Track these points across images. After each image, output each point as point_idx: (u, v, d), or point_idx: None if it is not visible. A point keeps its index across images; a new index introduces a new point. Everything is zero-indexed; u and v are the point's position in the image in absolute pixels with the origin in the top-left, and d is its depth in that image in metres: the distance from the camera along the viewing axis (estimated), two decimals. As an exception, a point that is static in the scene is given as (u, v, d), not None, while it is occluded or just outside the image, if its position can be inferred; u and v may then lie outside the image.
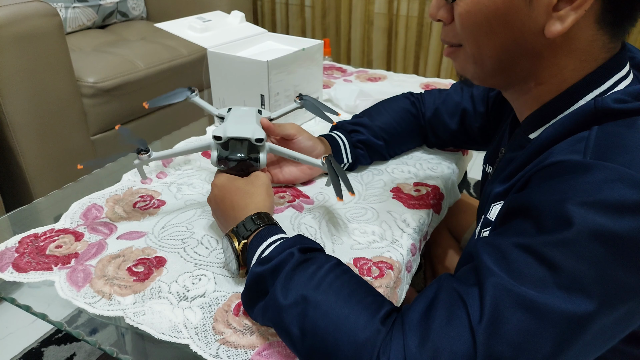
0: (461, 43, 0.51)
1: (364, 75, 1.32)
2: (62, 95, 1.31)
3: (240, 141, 0.65)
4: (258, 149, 0.66)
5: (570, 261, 0.38)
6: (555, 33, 0.45)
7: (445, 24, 0.52)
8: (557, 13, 0.44)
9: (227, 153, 0.64)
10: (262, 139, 0.65)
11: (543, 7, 0.44)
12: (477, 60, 0.50)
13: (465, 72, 0.54)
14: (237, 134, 0.64)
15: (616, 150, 0.41)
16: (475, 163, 1.95)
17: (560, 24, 0.44)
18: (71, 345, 1.16)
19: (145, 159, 0.65)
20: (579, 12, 0.43)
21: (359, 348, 0.42)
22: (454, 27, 0.50)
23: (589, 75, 0.48)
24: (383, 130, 0.83)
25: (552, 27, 0.44)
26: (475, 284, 0.41)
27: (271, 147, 0.68)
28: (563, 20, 0.44)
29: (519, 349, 0.38)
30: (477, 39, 0.48)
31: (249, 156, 0.64)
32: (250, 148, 0.65)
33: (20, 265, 0.61)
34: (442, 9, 0.51)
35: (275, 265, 0.49)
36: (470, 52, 0.50)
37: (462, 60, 0.53)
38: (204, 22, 1.05)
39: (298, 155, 0.69)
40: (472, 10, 0.47)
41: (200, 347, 0.50)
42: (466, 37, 0.49)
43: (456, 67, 0.55)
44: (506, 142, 0.62)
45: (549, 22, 0.45)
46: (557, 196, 0.40)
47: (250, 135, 0.64)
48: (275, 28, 2.59)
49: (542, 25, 0.45)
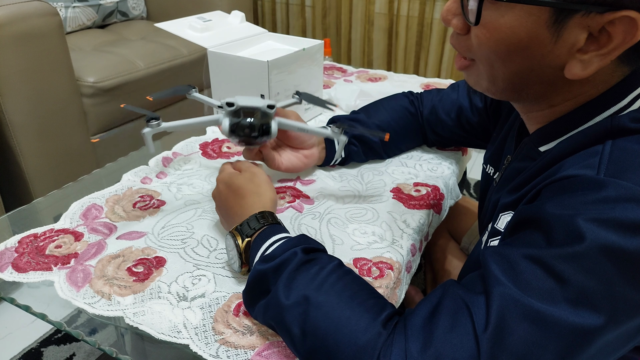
0: (474, 59, 0.49)
1: (364, 76, 1.32)
2: (62, 95, 1.30)
3: (251, 111, 0.65)
4: (269, 118, 0.66)
5: (579, 275, 0.38)
6: (576, 76, 0.43)
7: (459, 34, 0.49)
8: (581, 55, 0.43)
9: (238, 120, 0.65)
10: (274, 105, 0.65)
11: (567, 46, 0.42)
12: (490, 78, 0.49)
13: (478, 87, 0.52)
14: (249, 104, 0.65)
15: (630, 169, 0.40)
16: (475, 163, 1.95)
17: (581, 68, 0.43)
18: (71, 345, 1.16)
19: (155, 126, 0.64)
20: (604, 61, 0.42)
21: (360, 350, 0.41)
22: (468, 41, 0.48)
23: (605, 92, 0.46)
24: (380, 128, 0.83)
25: (574, 69, 0.43)
26: (482, 292, 0.41)
27: (280, 121, 0.69)
28: (586, 65, 0.43)
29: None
30: (492, 62, 0.47)
31: (260, 124, 0.65)
32: (262, 117, 0.66)
33: (19, 265, 0.61)
34: (457, 18, 0.48)
35: (278, 264, 0.49)
36: (482, 71, 0.49)
37: (476, 76, 0.51)
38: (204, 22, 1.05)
39: (308, 127, 0.71)
40: (492, 38, 0.45)
41: (200, 348, 0.50)
42: (481, 58, 0.48)
43: (469, 81, 0.53)
44: (512, 149, 0.62)
45: (571, 62, 0.43)
46: (569, 211, 0.40)
47: (261, 105, 0.65)
48: (276, 28, 2.59)
49: (563, 63, 0.44)
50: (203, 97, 0.77)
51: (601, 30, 0.41)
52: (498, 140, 0.69)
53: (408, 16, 2.18)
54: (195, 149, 0.91)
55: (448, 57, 2.19)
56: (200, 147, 0.92)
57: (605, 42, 0.41)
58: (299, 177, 0.82)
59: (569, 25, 0.41)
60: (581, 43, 0.42)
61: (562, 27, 0.42)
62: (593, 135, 0.45)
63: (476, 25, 0.45)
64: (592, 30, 0.41)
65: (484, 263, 0.43)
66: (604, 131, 0.45)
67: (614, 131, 0.44)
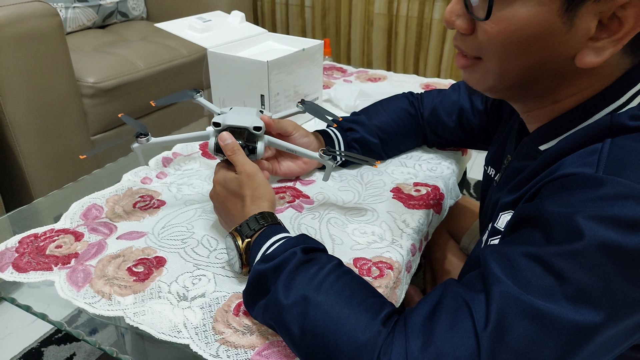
0: (481, 57, 0.49)
1: (364, 76, 1.32)
2: (62, 95, 1.31)
3: (239, 131, 0.66)
4: (256, 138, 0.66)
5: (579, 273, 0.38)
6: (588, 64, 0.43)
7: (463, 35, 0.48)
8: (593, 43, 0.43)
9: None
10: (261, 127, 0.66)
11: (580, 35, 0.43)
12: (498, 76, 0.48)
13: (480, 85, 0.51)
14: (236, 123, 0.65)
15: (629, 166, 0.41)
16: (475, 163, 1.95)
17: (595, 55, 0.43)
18: (71, 345, 1.16)
19: (144, 142, 0.65)
20: (617, 46, 0.42)
21: (360, 349, 0.42)
22: (475, 40, 0.47)
23: (605, 89, 0.47)
24: (380, 129, 0.83)
25: (586, 57, 0.43)
26: (482, 290, 0.41)
27: (270, 140, 0.69)
28: (599, 52, 0.43)
29: (523, 358, 0.38)
30: (503, 58, 0.46)
31: (246, 144, 0.65)
32: (249, 137, 0.66)
33: (20, 265, 0.61)
34: (461, 19, 0.47)
35: (277, 264, 0.49)
36: (493, 67, 0.48)
37: (479, 75, 0.50)
38: (204, 22, 1.05)
39: (296, 148, 0.70)
40: (504, 32, 0.44)
41: (200, 347, 0.50)
42: (492, 54, 0.47)
43: (470, 80, 0.52)
44: (512, 149, 0.62)
45: (583, 51, 0.43)
46: (568, 208, 0.40)
47: (249, 125, 0.65)
48: (276, 28, 2.60)
49: (576, 52, 0.44)
50: (207, 103, 0.77)
51: (611, 17, 0.41)
52: (499, 141, 0.69)
53: (407, 16, 2.18)
54: (195, 149, 0.91)
55: (448, 57, 2.19)
56: (200, 147, 0.92)
57: (616, 29, 0.41)
58: (298, 177, 0.82)
59: (581, 12, 0.41)
60: (592, 31, 0.42)
61: (573, 15, 0.42)
62: (592, 133, 0.45)
63: (486, 19, 0.44)
64: (603, 17, 0.41)
65: (483, 261, 0.43)
66: (603, 129, 0.45)
67: (613, 129, 0.44)
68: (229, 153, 0.63)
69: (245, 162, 0.62)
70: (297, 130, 0.76)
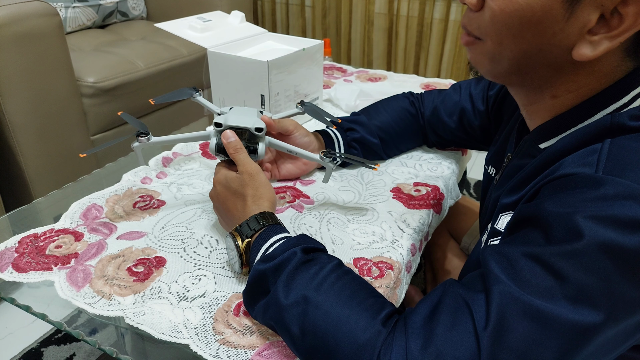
0: (483, 37, 0.49)
1: (364, 76, 1.32)
2: (62, 95, 1.30)
3: (240, 132, 0.65)
4: (257, 139, 0.66)
5: (578, 273, 0.38)
6: (583, 57, 0.44)
7: (472, 10, 0.49)
8: (590, 37, 0.43)
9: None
10: (262, 129, 0.65)
11: (578, 26, 0.43)
12: (495, 58, 0.49)
13: (478, 65, 0.52)
14: (238, 124, 0.65)
15: (629, 166, 0.41)
16: (475, 163, 1.95)
17: (590, 49, 0.43)
18: (71, 345, 1.16)
19: (145, 141, 0.65)
20: (613, 42, 0.42)
21: (360, 349, 0.42)
22: (480, 18, 0.48)
23: (606, 89, 0.47)
24: (380, 129, 0.83)
25: (582, 50, 0.44)
26: (482, 290, 0.41)
27: (270, 141, 0.69)
28: (595, 46, 0.43)
29: (523, 358, 0.38)
30: (502, 39, 0.47)
31: (247, 145, 0.65)
32: (250, 138, 0.66)
33: (20, 266, 0.61)
34: None
35: (277, 264, 0.49)
36: (490, 49, 0.49)
37: (478, 54, 0.51)
38: (204, 22, 1.05)
39: (297, 150, 0.70)
40: (507, 9, 0.45)
41: (200, 347, 0.50)
42: (491, 34, 0.47)
43: (470, 58, 0.53)
44: (512, 147, 0.62)
45: (580, 44, 0.44)
46: (567, 208, 0.40)
47: (250, 125, 0.65)
48: (276, 28, 2.60)
49: (573, 44, 0.44)
50: (206, 102, 0.77)
51: (613, 12, 0.41)
52: (500, 141, 0.69)
53: (408, 16, 2.18)
54: (195, 149, 0.91)
55: (448, 57, 2.19)
56: (200, 147, 0.92)
57: (616, 25, 0.42)
58: (299, 177, 0.82)
59: (583, 2, 0.42)
60: (592, 23, 0.42)
61: (576, 3, 0.42)
62: (592, 133, 0.45)
63: None
64: (604, 10, 0.42)
65: (483, 262, 0.43)
66: (603, 129, 0.45)
67: (613, 129, 0.44)
68: (231, 151, 0.63)
69: (247, 162, 0.62)
70: (298, 130, 0.76)
